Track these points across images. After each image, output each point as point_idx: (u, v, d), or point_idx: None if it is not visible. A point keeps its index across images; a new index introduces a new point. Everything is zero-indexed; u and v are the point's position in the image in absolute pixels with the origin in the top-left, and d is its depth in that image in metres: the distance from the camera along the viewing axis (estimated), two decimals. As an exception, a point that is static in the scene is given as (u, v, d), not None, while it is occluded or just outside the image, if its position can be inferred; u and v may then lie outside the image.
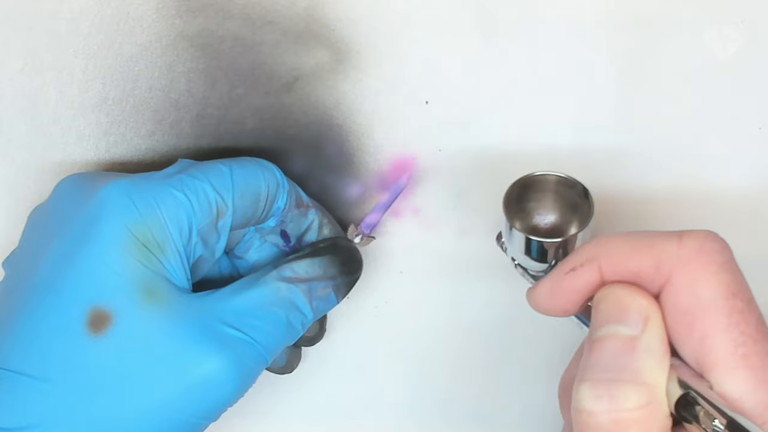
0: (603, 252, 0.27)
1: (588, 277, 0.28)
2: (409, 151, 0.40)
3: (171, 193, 0.33)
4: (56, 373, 0.31)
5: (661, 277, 0.26)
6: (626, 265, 0.27)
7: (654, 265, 0.26)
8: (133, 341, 0.31)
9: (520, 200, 0.34)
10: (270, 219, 0.37)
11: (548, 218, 0.35)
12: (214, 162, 0.35)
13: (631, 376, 0.25)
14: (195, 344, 0.31)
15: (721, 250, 0.25)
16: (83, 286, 0.31)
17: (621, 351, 0.25)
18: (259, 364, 0.33)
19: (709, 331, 0.24)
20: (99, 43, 0.37)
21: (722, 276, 0.25)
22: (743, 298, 0.25)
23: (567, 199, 0.34)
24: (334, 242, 0.38)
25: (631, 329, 0.25)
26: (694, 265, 0.25)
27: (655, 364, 0.25)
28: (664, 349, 0.25)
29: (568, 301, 0.29)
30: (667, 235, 0.26)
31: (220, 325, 0.32)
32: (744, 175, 0.40)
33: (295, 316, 0.34)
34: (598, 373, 0.25)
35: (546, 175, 0.33)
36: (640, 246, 0.27)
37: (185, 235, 0.33)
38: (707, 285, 0.25)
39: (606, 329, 0.26)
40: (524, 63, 0.38)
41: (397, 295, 0.42)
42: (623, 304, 0.26)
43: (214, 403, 0.32)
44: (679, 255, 0.25)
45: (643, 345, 0.25)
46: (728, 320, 0.24)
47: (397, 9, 0.37)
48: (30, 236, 0.35)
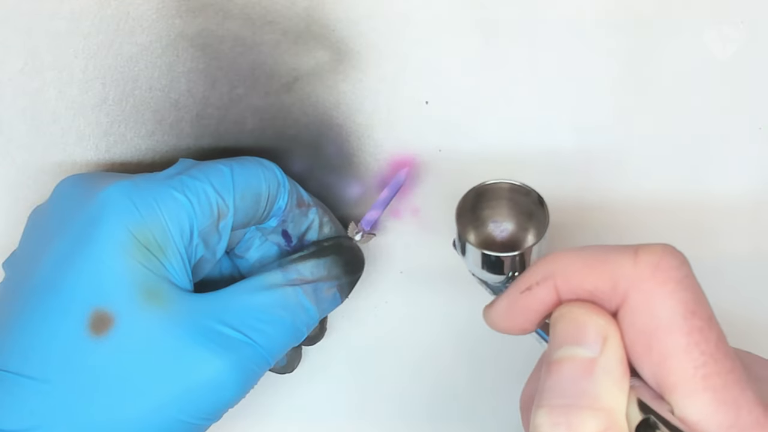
0: (558, 270, 0.26)
1: (544, 296, 0.27)
2: (409, 151, 0.40)
3: (172, 194, 0.33)
4: (57, 375, 0.31)
5: (617, 295, 0.25)
6: (581, 283, 0.26)
7: (610, 284, 0.25)
8: (134, 343, 0.31)
9: (475, 209, 0.33)
10: (271, 219, 0.37)
11: (504, 227, 0.34)
12: (215, 162, 0.35)
13: (589, 401, 0.24)
14: (197, 346, 0.31)
15: (678, 266, 0.24)
16: (85, 288, 0.31)
17: (579, 374, 0.24)
18: (261, 366, 0.33)
19: (668, 351, 0.24)
20: (99, 43, 0.37)
21: (680, 294, 0.24)
22: (703, 316, 0.24)
23: (522, 207, 0.33)
24: (338, 242, 0.38)
25: (589, 351, 0.25)
26: (651, 283, 0.24)
27: (614, 387, 0.24)
28: (623, 370, 0.25)
29: (525, 321, 0.28)
30: (622, 250, 0.25)
31: (222, 327, 0.32)
32: (744, 175, 0.40)
33: (300, 318, 0.34)
34: (555, 398, 0.24)
35: (499, 183, 0.33)
36: (595, 263, 0.26)
37: (186, 236, 0.33)
38: (665, 304, 0.24)
39: (563, 351, 0.25)
40: (524, 63, 0.38)
41: (397, 295, 0.42)
42: (580, 324, 0.25)
43: (214, 405, 0.32)
44: (635, 272, 0.24)
45: (601, 367, 0.24)
46: (688, 340, 0.23)
47: (397, 9, 0.37)
48: (30, 237, 0.35)
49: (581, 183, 0.40)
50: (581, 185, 0.40)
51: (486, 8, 0.37)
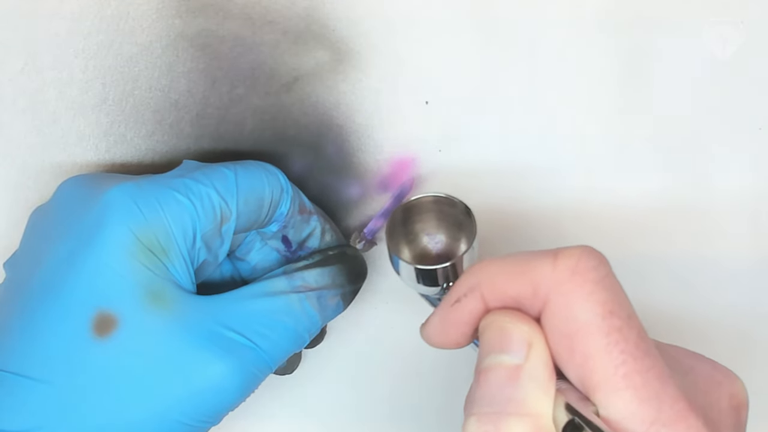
0: (483, 279, 0.27)
1: (472, 307, 0.27)
2: (409, 151, 0.40)
3: (175, 197, 0.33)
4: (59, 376, 0.31)
5: (539, 300, 0.25)
6: (506, 290, 0.26)
7: (532, 289, 0.25)
8: (138, 345, 0.31)
9: (406, 224, 0.33)
10: (272, 224, 0.37)
11: (438, 238, 0.34)
12: (218, 166, 0.35)
13: (515, 407, 0.24)
14: (200, 349, 0.31)
15: (596, 267, 0.25)
16: (88, 289, 0.31)
17: (505, 381, 0.25)
18: (262, 371, 0.33)
19: (589, 352, 0.24)
20: (99, 43, 0.37)
21: (598, 295, 0.24)
22: (621, 315, 0.24)
23: (451, 218, 0.33)
24: (342, 251, 0.38)
25: (514, 357, 0.25)
26: (570, 286, 0.25)
27: (539, 392, 0.24)
28: (548, 374, 0.25)
29: (458, 334, 0.28)
30: (542, 255, 0.26)
31: (226, 331, 0.32)
32: (744, 175, 0.40)
33: (303, 325, 0.34)
34: (484, 406, 0.25)
35: (424, 197, 0.33)
36: (517, 270, 0.26)
37: (189, 239, 0.33)
38: (583, 305, 0.24)
39: (490, 359, 0.25)
40: (524, 63, 0.38)
41: (397, 296, 0.42)
42: (505, 332, 0.26)
43: (216, 408, 0.32)
44: (554, 276, 0.25)
45: (526, 373, 0.25)
46: (607, 340, 0.24)
47: (397, 9, 0.37)
48: (32, 237, 0.35)
49: (581, 181, 0.40)
50: (581, 183, 0.40)
51: (486, 8, 0.37)
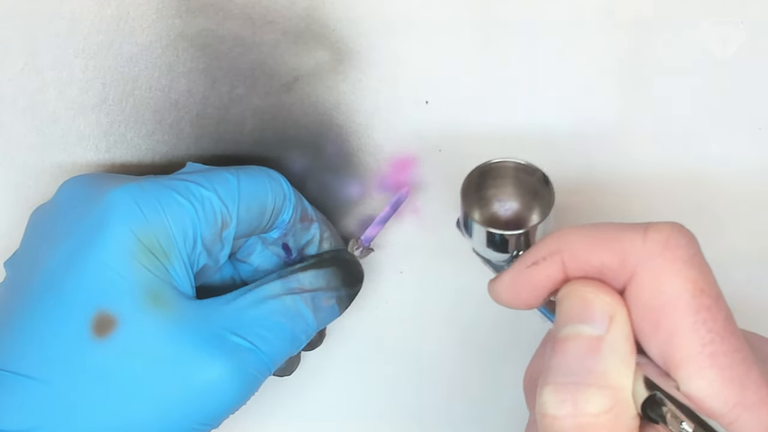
0: (566, 246, 0.26)
1: (550, 272, 0.27)
2: (409, 151, 0.40)
3: (177, 200, 0.33)
4: (58, 376, 0.31)
5: (625, 272, 0.25)
6: (589, 259, 0.26)
7: (618, 260, 0.25)
8: (137, 346, 0.31)
9: (480, 188, 0.33)
10: (273, 230, 0.37)
11: (509, 205, 0.33)
12: (222, 170, 0.35)
13: (595, 379, 0.24)
14: (199, 351, 0.31)
15: (687, 244, 0.24)
16: (89, 290, 0.31)
17: (585, 352, 0.24)
18: (262, 372, 0.33)
19: (675, 329, 0.24)
20: (99, 43, 0.37)
21: (689, 272, 0.24)
22: (711, 294, 0.24)
23: (528, 186, 0.32)
24: (337, 255, 0.38)
25: (595, 329, 0.25)
26: (660, 261, 0.24)
27: (620, 365, 0.24)
28: (629, 348, 0.25)
29: (530, 295, 0.28)
30: (632, 228, 0.25)
31: (224, 333, 0.32)
32: (744, 175, 0.40)
33: (299, 326, 0.35)
34: (561, 376, 0.24)
35: (504, 161, 0.32)
36: (604, 240, 0.26)
37: (190, 242, 0.33)
38: (673, 281, 0.24)
39: (569, 329, 0.25)
40: (524, 63, 0.38)
41: (397, 295, 0.42)
42: (587, 302, 0.25)
43: (215, 410, 0.32)
44: (644, 250, 0.24)
45: (607, 345, 0.24)
46: (695, 318, 0.24)
47: (397, 9, 0.37)
48: (32, 237, 0.35)
49: (581, 182, 0.40)
50: (581, 185, 0.40)
51: (486, 8, 0.37)
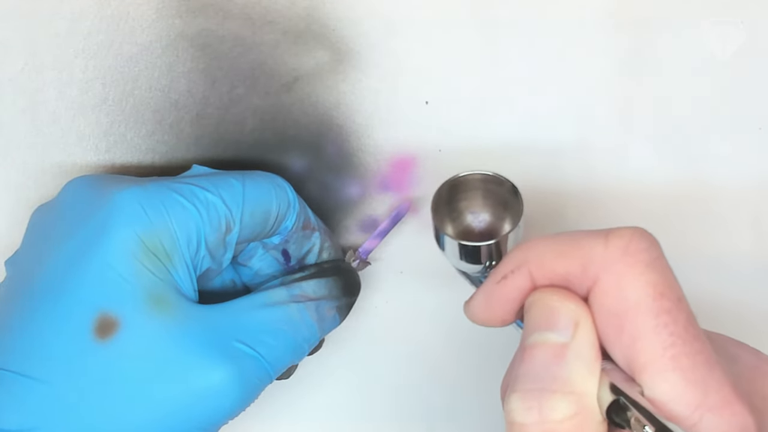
0: (531, 256, 0.27)
1: (519, 284, 0.27)
2: (409, 151, 0.40)
3: (181, 203, 0.33)
4: (59, 376, 0.31)
5: (588, 278, 0.25)
6: (554, 268, 0.26)
7: (581, 267, 0.25)
8: (138, 348, 0.31)
9: (451, 201, 0.33)
10: (275, 237, 0.37)
11: (482, 217, 0.34)
12: (227, 175, 0.35)
13: (560, 385, 0.24)
14: (200, 355, 0.31)
15: (648, 248, 0.25)
16: (91, 291, 0.31)
17: (551, 359, 0.25)
18: (263, 379, 0.33)
19: (637, 333, 0.24)
20: (99, 43, 0.37)
21: (649, 276, 0.24)
22: (671, 297, 0.24)
23: (497, 197, 0.33)
24: (336, 265, 0.38)
25: (560, 336, 0.25)
26: (620, 266, 0.24)
27: (585, 371, 0.24)
28: (594, 354, 0.25)
29: (504, 311, 0.28)
30: (594, 234, 0.25)
31: (227, 338, 0.32)
32: (744, 175, 0.40)
33: (302, 334, 0.35)
34: (528, 383, 0.24)
35: (472, 173, 0.33)
36: (567, 248, 0.26)
37: (193, 246, 0.33)
38: (634, 286, 0.24)
39: (535, 336, 0.25)
40: (524, 63, 0.38)
41: (397, 295, 0.42)
42: (552, 310, 0.25)
43: (215, 415, 0.32)
44: (605, 255, 0.25)
45: (572, 352, 0.25)
46: (656, 321, 0.24)
47: (397, 9, 0.37)
48: (35, 236, 0.35)
49: (581, 181, 0.40)
50: (582, 185, 0.40)
51: (486, 8, 0.37)
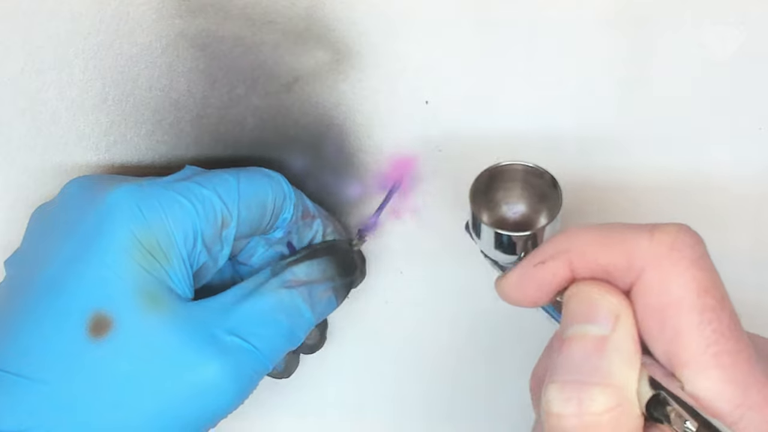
0: (573, 245, 0.27)
1: (557, 271, 0.27)
2: (409, 151, 0.40)
3: (177, 200, 0.33)
4: (55, 376, 0.31)
5: (632, 272, 0.25)
6: (596, 259, 0.26)
7: (625, 261, 0.25)
8: (133, 347, 0.31)
9: (488, 191, 0.33)
10: (276, 230, 0.37)
11: (517, 208, 0.34)
12: (221, 171, 0.35)
13: (600, 378, 0.24)
14: (194, 351, 0.31)
15: (693, 245, 0.25)
16: (86, 290, 0.31)
17: (590, 352, 0.25)
18: (258, 371, 0.33)
19: (680, 329, 0.24)
20: (99, 43, 0.37)
21: (694, 272, 0.24)
22: (716, 295, 0.24)
23: (536, 189, 0.33)
24: (331, 244, 0.38)
25: (601, 329, 0.25)
26: (666, 261, 0.25)
27: (624, 364, 0.24)
28: (634, 348, 0.25)
29: (537, 293, 0.28)
30: (638, 228, 0.26)
31: (219, 332, 0.32)
32: (744, 176, 0.40)
33: (297, 322, 0.35)
34: (566, 374, 0.25)
35: (513, 164, 0.32)
36: (611, 240, 0.26)
37: (189, 242, 0.33)
38: (679, 282, 0.24)
39: (575, 329, 0.25)
40: (524, 63, 0.38)
41: (397, 295, 0.42)
42: (593, 303, 0.25)
43: (212, 410, 0.32)
44: (651, 250, 0.25)
45: (612, 345, 0.25)
46: (700, 318, 0.24)
47: (397, 9, 0.37)
48: (34, 236, 0.35)
49: (580, 183, 0.40)
50: (580, 186, 0.40)
51: (486, 8, 0.37)
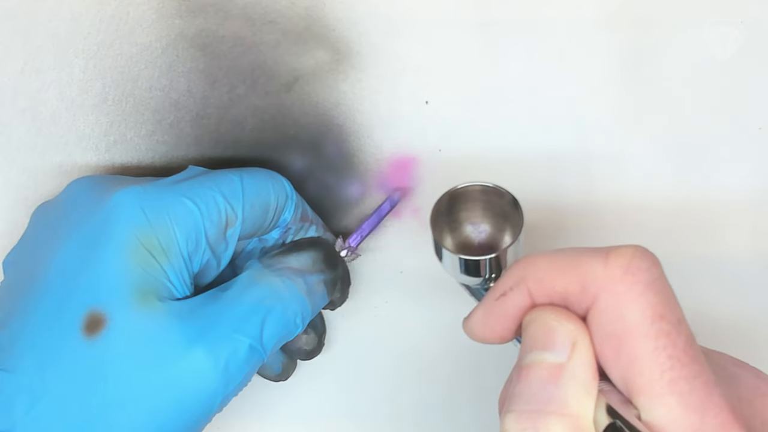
0: (530, 273, 0.26)
1: (518, 301, 0.27)
2: (409, 151, 0.40)
3: (181, 201, 0.33)
4: (49, 374, 0.31)
5: (587, 298, 0.25)
6: (553, 286, 0.26)
7: (580, 286, 0.25)
8: (124, 344, 0.31)
9: (451, 212, 0.33)
10: (274, 230, 0.37)
11: (482, 228, 0.33)
12: (224, 171, 0.36)
13: (556, 407, 0.24)
14: (183, 346, 0.31)
15: (648, 268, 0.24)
16: (81, 289, 0.32)
17: (547, 380, 0.24)
18: (253, 360, 0.33)
19: (635, 355, 0.24)
20: (99, 43, 0.37)
21: (649, 297, 0.24)
22: (671, 319, 0.24)
23: (497, 209, 0.33)
24: (315, 238, 0.38)
25: (557, 356, 0.25)
26: (620, 286, 0.24)
27: (581, 392, 0.24)
28: (591, 375, 0.25)
29: (503, 328, 0.28)
30: (593, 252, 0.25)
31: (210, 325, 0.32)
32: (744, 175, 0.40)
33: (292, 309, 0.34)
34: (523, 403, 0.24)
35: (472, 185, 0.32)
36: (566, 266, 0.25)
37: (192, 242, 0.33)
38: (633, 307, 0.24)
39: (532, 356, 0.25)
40: (524, 63, 0.38)
41: (397, 295, 0.42)
42: (550, 329, 0.25)
43: (203, 404, 0.32)
44: (605, 274, 0.24)
45: (569, 373, 0.24)
46: (655, 344, 0.23)
47: (397, 9, 0.37)
48: (35, 234, 0.35)
49: (582, 182, 0.40)
50: (582, 184, 0.40)
51: (486, 8, 0.37)
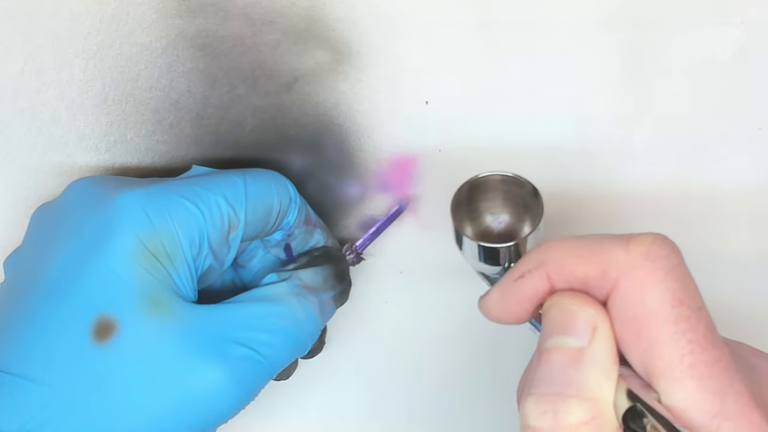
0: (550, 258, 0.27)
1: (536, 284, 0.27)
2: (409, 151, 0.40)
3: (184, 204, 0.33)
4: (58, 379, 0.31)
5: (608, 283, 0.25)
6: (573, 271, 0.26)
7: (601, 272, 0.25)
8: (135, 351, 0.31)
9: (471, 202, 0.33)
10: (277, 233, 0.37)
11: (501, 218, 0.34)
12: (228, 173, 0.35)
13: (576, 390, 0.24)
14: (198, 356, 0.31)
15: (668, 255, 0.25)
16: (91, 294, 0.31)
17: (567, 364, 0.25)
18: (262, 378, 0.33)
19: (655, 339, 0.24)
20: (99, 43, 0.37)
21: (669, 283, 0.24)
22: (691, 305, 0.24)
23: (517, 198, 0.33)
24: (327, 251, 0.38)
25: (578, 340, 0.25)
26: (641, 272, 0.24)
27: (601, 376, 0.24)
28: (611, 359, 0.25)
29: (519, 309, 0.28)
30: (614, 239, 0.25)
31: (223, 338, 0.32)
32: (744, 175, 0.40)
33: (305, 329, 0.35)
34: (543, 387, 0.25)
35: (492, 175, 0.33)
36: (587, 252, 0.26)
37: (195, 246, 0.33)
38: (654, 292, 0.24)
39: (553, 341, 0.25)
40: (524, 63, 0.38)
41: (397, 295, 0.42)
42: (570, 314, 0.25)
43: (213, 416, 0.32)
44: (626, 261, 0.25)
45: (589, 357, 0.25)
46: (675, 328, 0.24)
47: (397, 9, 0.37)
48: (36, 235, 0.35)
49: (581, 182, 0.40)
50: (581, 184, 0.40)
51: (486, 8, 0.37)
